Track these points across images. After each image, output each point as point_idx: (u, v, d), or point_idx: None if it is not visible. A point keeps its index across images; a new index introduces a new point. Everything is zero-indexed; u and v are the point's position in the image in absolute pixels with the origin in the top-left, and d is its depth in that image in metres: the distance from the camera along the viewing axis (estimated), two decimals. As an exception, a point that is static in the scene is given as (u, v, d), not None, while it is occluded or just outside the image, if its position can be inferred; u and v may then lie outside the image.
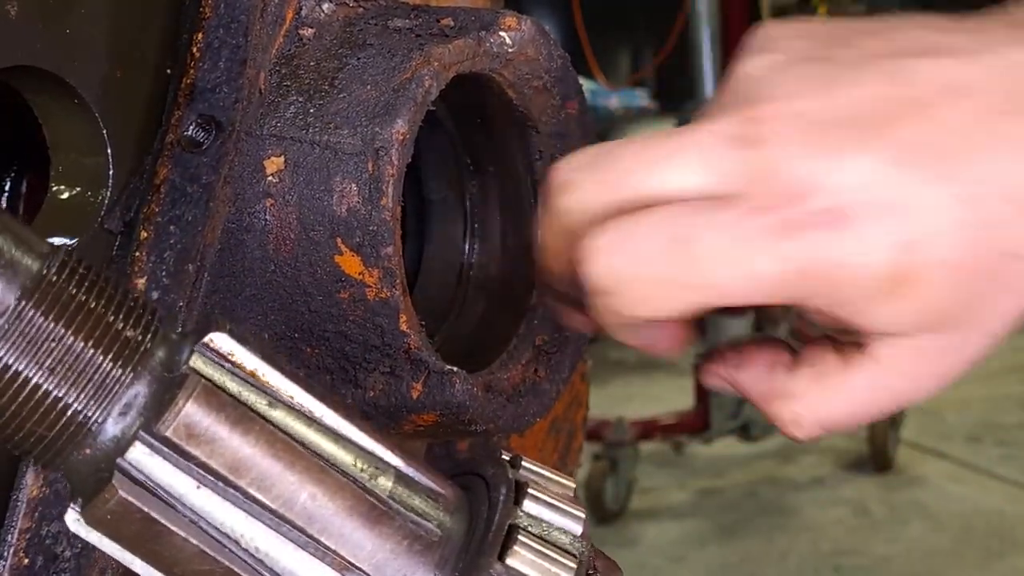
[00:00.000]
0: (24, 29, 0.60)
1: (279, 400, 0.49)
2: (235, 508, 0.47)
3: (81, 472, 0.47)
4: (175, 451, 0.46)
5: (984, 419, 4.83)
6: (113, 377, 0.46)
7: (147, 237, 0.66)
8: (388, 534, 0.49)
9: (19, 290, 0.45)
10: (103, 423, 0.46)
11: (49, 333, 0.45)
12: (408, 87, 0.68)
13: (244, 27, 0.68)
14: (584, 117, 0.80)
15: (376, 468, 0.50)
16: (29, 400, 0.45)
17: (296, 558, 0.47)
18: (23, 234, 0.46)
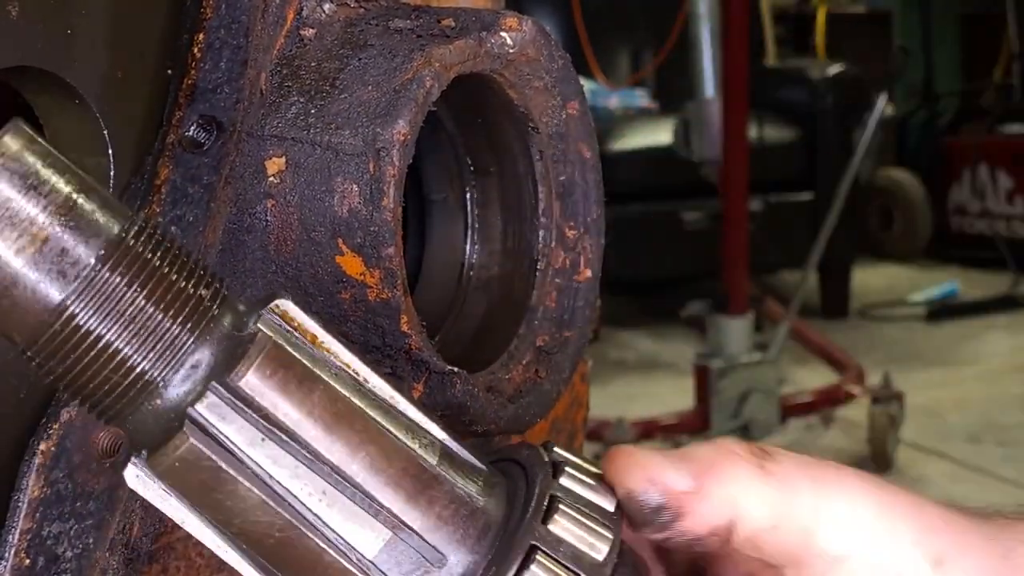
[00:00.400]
0: (25, 29, 0.60)
1: (338, 366, 0.51)
2: (297, 462, 0.49)
3: (148, 424, 0.49)
4: (244, 403, 0.48)
5: (984, 419, 4.83)
6: (183, 335, 0.48)
7: (148, 237, 0.66)
8: (436, 499, 0.51)
9: (99, 251, 0.47)
10: (172, 379, 0.48)
11: (123, 293, 0.47)
12: (409, 88, 0.68)
13: (245, 27, 0.68)
14: (584, 117, 0.80)
15: (424, 439, 0.52)
16: (101, 355, 0.48)
17: (351, 513, 0.50)
18: (107, 198, 0.48)
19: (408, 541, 0.50)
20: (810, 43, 8.27)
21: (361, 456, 0.50)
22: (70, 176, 0.47)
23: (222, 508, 0.49)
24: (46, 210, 0.46)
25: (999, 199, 7.52)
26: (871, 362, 5.00)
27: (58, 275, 0.47)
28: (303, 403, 0.49)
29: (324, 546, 0.50)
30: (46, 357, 0.48)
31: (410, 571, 0.50)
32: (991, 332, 6.14)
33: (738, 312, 4.33)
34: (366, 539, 0.50)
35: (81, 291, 0.47)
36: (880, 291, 6.94)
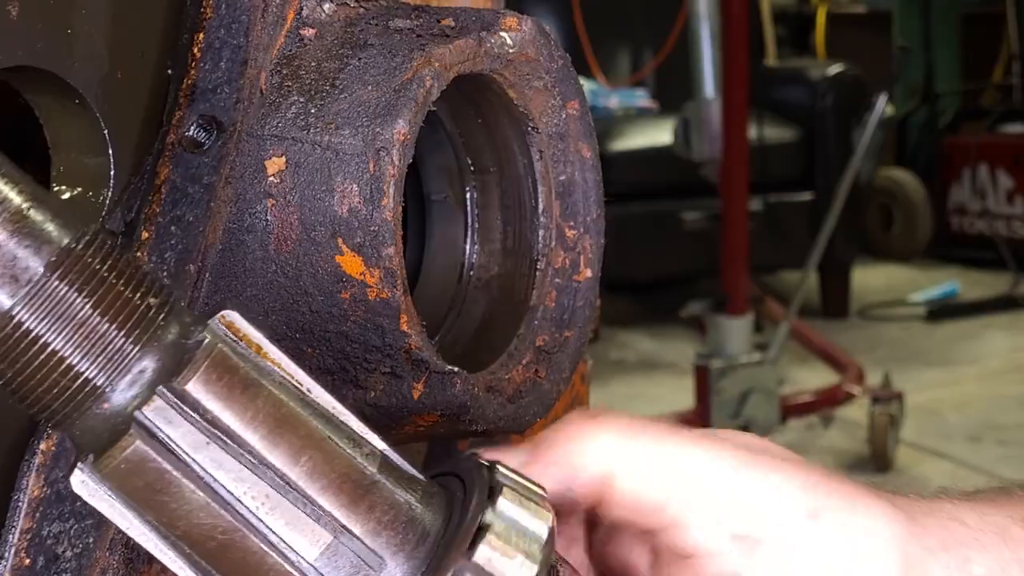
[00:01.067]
0: (25, 29, 0.60)
1: (282, 376, 0.52)
2: (240, 465, 0.50)
3: (95, 429, 0.50)
4: (189, 408, 0.49)
5: (984, 419, 4.83)
6: (129, 343, 0.49)
7: (148, 237, 0.66)
8: (376, 506, 0.52)
9: (49, 259, 0.48)
10: (118, 385, 0.49)
11: (72, 302, 0.48)
12: (409, 87, 0.68)
13: (245, 27, 0.68)
14: (584, 117, 0.80)
15: (365, 448, 0.53)
16: (48, 361, 0.48)
17: (293, 516, 0.51)
18: (59, 209, 0.49)
19: (348, 545, 0.51)
20: (810, 43, 8.27)
21: (303, 461, 0.51)
22: (23, 186, 0.49)
23: (166, 511, 0.50)
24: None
25: (999, 199, 7.52)
26: (871, 362, 5.00)
27: (9, 281, 0.48)
28: (247, 408, 0.50)
29: (266, 548, 0.51)
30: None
31: (350, 575, 0.51)
32: (991, 332, 6.14)
33: (738, 312, 4.33)
34: (307, 542, 0.51)
35: (30, 298, 0.48)
36: (880, 291, 6.95)
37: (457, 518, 0.54)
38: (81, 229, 0.50)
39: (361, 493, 0.52)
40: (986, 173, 7.58)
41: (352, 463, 0.52)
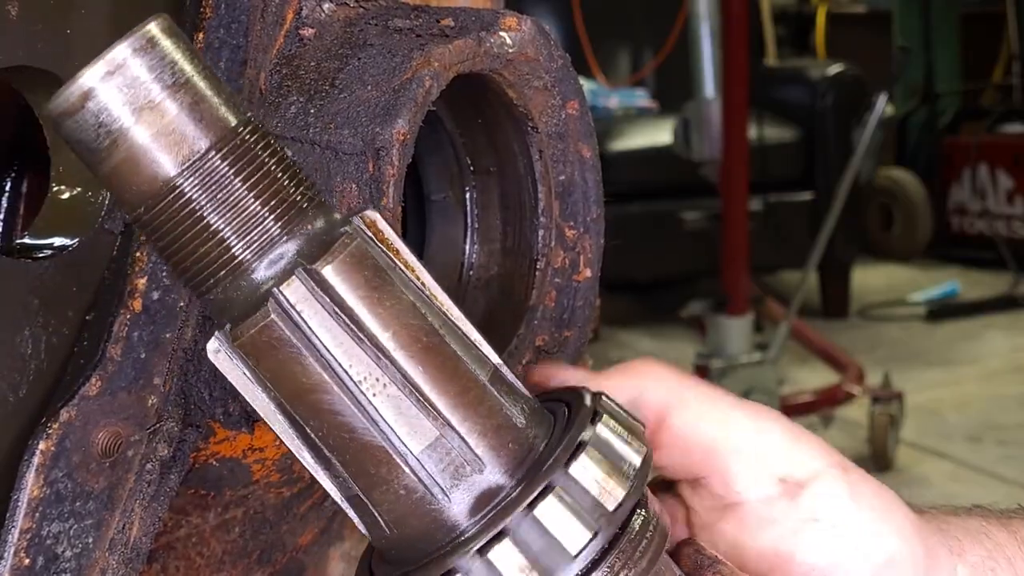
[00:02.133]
0: (25, 29, 0.60)
1: (411, 279, 0.55)
2: (362, 352, 0.53)
3: (235, 301, 0.53)
4: (323, 291, 0.52)
5: (984, 419, 4.83)
6: (276, 226, 0.53)
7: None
8: (485, 412, 0.55)
9: (215, 139, 0.51)
10: (260, 263, 0.53)
11: (229, 180, 0.52)
12: (409, 87, 0.68)
13: (244, 27, 0.68)
14: (584, 117, 0.80)
15: (480, 358, 0.56)
16: (201, 233, 0.52)
17: (404, 407, 0.53)
18: (231, 96, 0.53)
19: (452, 444, 0.54)
20: (810, 43, 8.27)
21: (420, 359, 0.54)
22: (202, 70, 0.52)
23: (288, 385, 0.53)
24: (175, 96, 0.51)
25: (999, 199, 7.52)
26: (871, 362, 5.00)
27: (176, 153, 0.51)
28: (375, 301, 0.53)
29: (375, 433, 0.53)
30: (153, 227, 0.52)
31: (449, 473, 0.54)
32: (991, 332, 6.14)
33: (738, 312, 4.32)
34: (413, 435, 0.53)
35: (193, 171, 0.51)
36: (880, 291, 6.94)
37: (558, 436, 0.56)
38: (247, 116, 0.53)
39: (471, 398, 0.54)
40: (986, 173, 7.57)
41: (466, 369, 0.55)
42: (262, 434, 0.73)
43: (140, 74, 0.50)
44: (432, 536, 0.54)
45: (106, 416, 0.65)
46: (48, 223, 0.66)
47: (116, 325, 0.65)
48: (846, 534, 0.65)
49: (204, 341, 0.68)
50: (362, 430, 0.53)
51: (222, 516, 0.80)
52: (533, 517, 0.53)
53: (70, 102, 0.51)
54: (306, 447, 0.55)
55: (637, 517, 0.56)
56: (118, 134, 0.50)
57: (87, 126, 0.51)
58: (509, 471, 0.54)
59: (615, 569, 0.54)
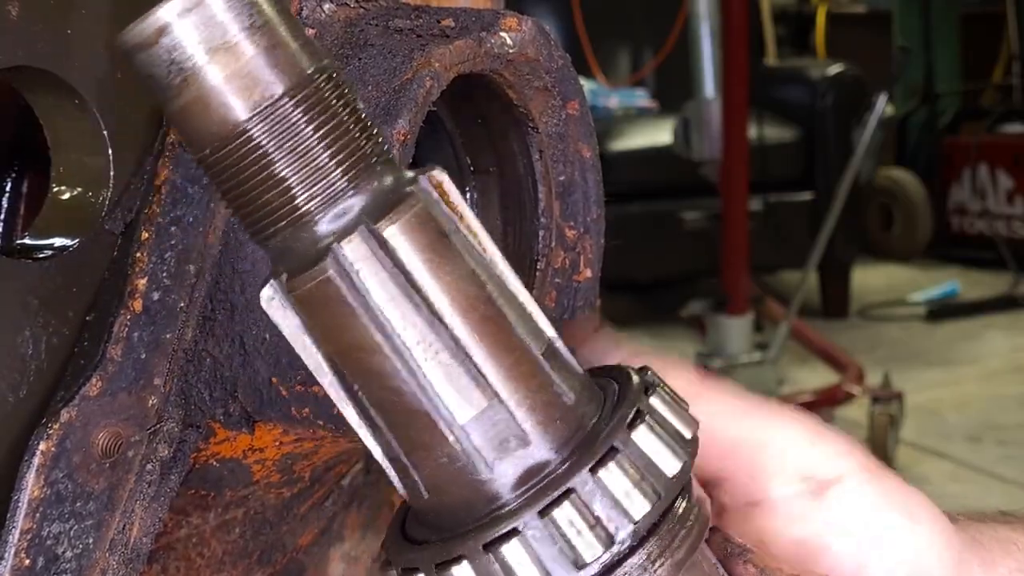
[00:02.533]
0: (25, 29, 0.60)
1: (473, 245, 0.55)
2: (418, 315, 0.52)
3: (294, 251, 0.52)
4: (383, 250, 0.52)
5: (984, 419, 4.83)
6: (343, 180, 0.52)
7: (148, 238, 0.66)
8: (536, 386, 0.54)
9: (288, 85, 0.50)
10: (323, 216, 0.52)
11: (299, 128, 0.51)
12: (409, 88, 0.68)
13: (245, 27, 0.68)
14: (584, 117, 0.80)
15: (535, 332, 0.55)
16: (267, 180, 0.51)
17: (455, 375, 0.52)
18: (308, 41, 0.52)
19: (499, 416, 0.53)
20: (810, 43, 8.27)
21: (475, 328, 0.53)
22: (281, 14, 0.51)
23: (340, 342, 0.53)
24: (252, 37, 0.50)
25: (999, 199, 7.52)
26: (871, 362, 5.01)
27: (248, 97, 0.50)
28: (435, 265, 0.52)
29: (422, 399, 0.52)
30: (218, 169, 0.51)
31: (494, 445, 0.53)
32: (991, 332, 6.14)
33: (738, 312, 4.33)
34: (461, 404, 0.52)
35: (263, 116, 0.50)
36: (880, 291, 6.95)
37: (608, 414, 0.55)
38: (323, 62, 0.52)
39: (523, 371, 0.53)
40: (986, 173, 7.58)
41: (520, 341, 0.54)
42: (262, 435, 0.73)
43: (218, 13, 0.49)
44: (472, 506, 0.53)
45: (106, 417, 0.65)
46: (48, 223, 0.66)
47: (116, 326, 0.65)
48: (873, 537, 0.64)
49: (204, 342, 0.68)
50: (410, 395, 0.52)
51: (222, 516, 0.80)
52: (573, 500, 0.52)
53: (144, 35, 0.50)
54: (351, 404, 0.54)
55: (680, 504, 0.55)
56: (190, 72, 0.49)
57: (159, 61, 0.50)
58: (556, 447, 0.53)
59: (652, 557, 0.53)
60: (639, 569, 0.53)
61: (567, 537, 0.52)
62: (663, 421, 0.55)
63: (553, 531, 0.52)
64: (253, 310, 0.69)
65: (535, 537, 0.52)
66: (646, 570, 0.53)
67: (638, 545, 0.53)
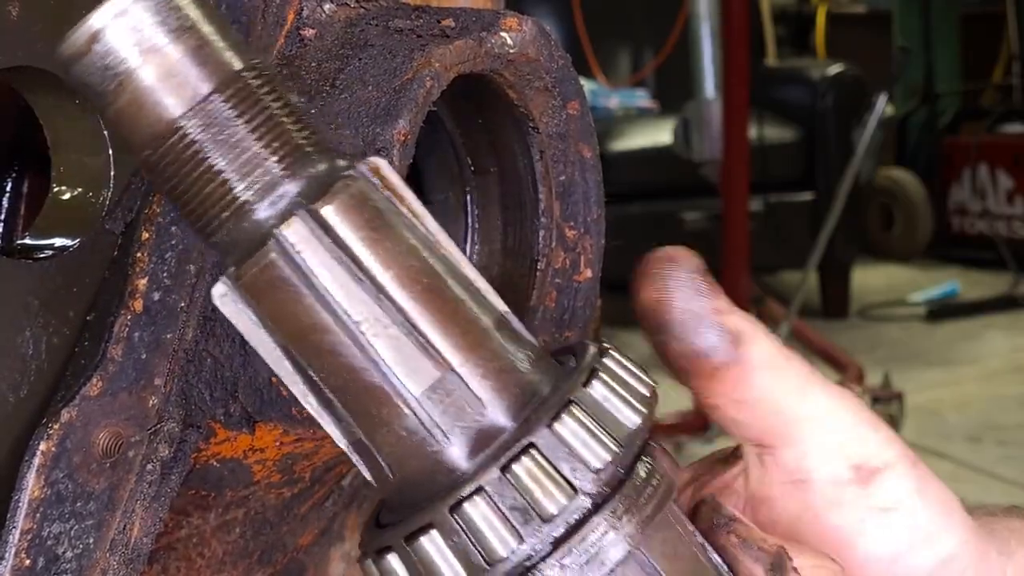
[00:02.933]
0: (25, 29, 0.60)
1: (414, 224, 0.55)
2: (363, 292, 0.53)
3: (239, 243, 0.53)
4: (324, 231, 0.52)
5: (984, 419, 4.83)
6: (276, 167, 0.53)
7: (148, 238, 0.66)
8: (487, 354, 0.54)
9: (218, 82, 0.52)
10: (260, 204, 0.53)
11: (231, 123, 0.52)
12: (409, 88, 0.68)
13: (245, 28, 0.68)
14: (585, 117, 0.80)
15: (484, 305, 0.56)
16: (204, 174, 0.52)
17: (405, 348, 0.53)
18: (238, 42, 0.54)
19: (452, 386, 0.53)
20: (810, 43, 8.27)
21: (421, 299, 0.53)
22: (209, 15, 0.53)
23: (289, 326, 0.53)
24: (180, 39, 0.52)
25: (999, 199, 7.52)
26: (871, 362, 5.01)
27: (180, 95, 0.52)
28: (375, 242, 0.53)
29: (375, 375, 0.53)
30: (159, 169, 0.53)
31: (449, 415, 0.53)
32: (991, 332, 6.14)
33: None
34: (413, 376, 0.53)
35: (195, 113, 0.52)
36: (880, 291, 6.95)
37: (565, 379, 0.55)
38: (252, 60, 0.53)
39: (472, 340, 0.54)
40: (986, 173, 7.58)
41: (468, 312, 0.55)
42: (263, 435, 0.73)
43: (145, 17, 0.51)
44: (434, 478, 0.54)
45: (107, 417, 0.65)
46: (49, 223, 0.66)
47: (117, 326, 0.65)
48: (910, 528, 0.64)
49: (205, 342, 0.68)
50: (362, 371, 0.53)
51: (223, 517, 0.80)
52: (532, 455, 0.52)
53: (78, 45, 0.52)
54: (311, 392, 0.55)
55: (642, 465, 0.55)
56: (124, 76, 0.51)
57: (94, 68, 0.52)
58: (512, 413, 0.54)
59: (618, 513, 0.53)
60: (606, 525, 0.53)
61: (529, 490, 0.52)
62: (618, 378, 0.56)
63: (515, 485, 0.52)
64: (253, 310, 0.69)
65: (498, 493, 0.52)
66: (613, 526, 0.53)
67: (603, 501, 0.53)
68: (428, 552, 0.53)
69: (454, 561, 0.52)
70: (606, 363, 0.56)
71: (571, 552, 0.52)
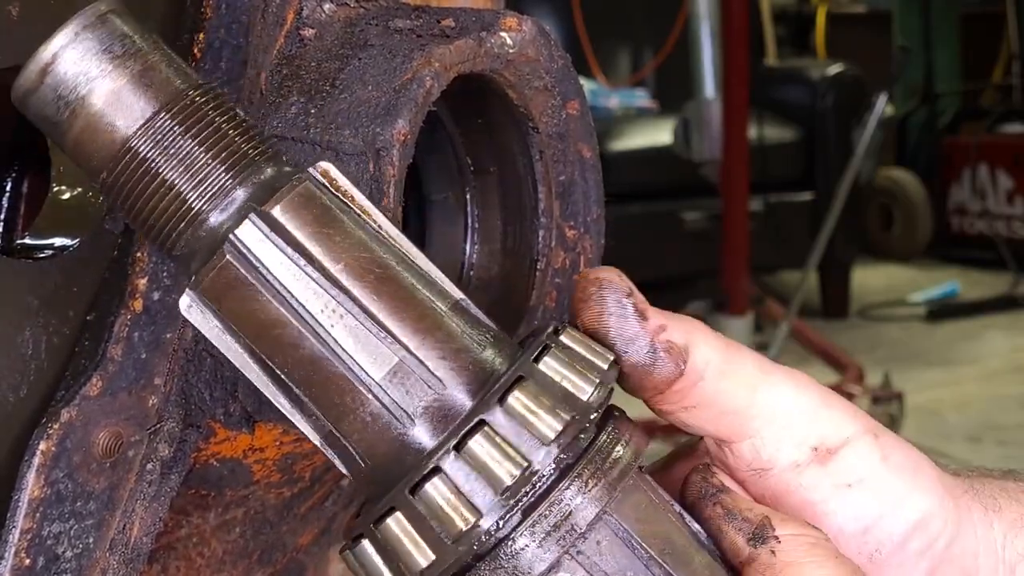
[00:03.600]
0: (25, 29, 0.60)
1: (365, 221, 0.57)
2: (318, 286, 0.55)
3: (196, 252, 0.56)
4: (275, 230, 0.55)
5: (984, 419, 4.83)
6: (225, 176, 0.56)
7: (148, 237, 0.66)
8: (444, 339, 0.56)
9: (164, 101, 0.55)
10: (212, 211, 0.56)
11: (179, 139, 0.55)
12: (409, 88, 0.68)
13: (245, 28, 0.68)
14: (584, 117, 0.80)
15: (438, 291, 0.58)
16: (158, 189, 0.55)
17: (363, 336, 0.55)
18: (180, 67, 0.57)
19: (412, 368, 0.55)
20: (810, 43, 8.27)
21: (374, 288, 0.56)
22: (151, 43, 0.56)
23: (249, 325, 0.55)
24: (125, 64, 0.55)
25: (999, 199, 7.52)
26: (871, 362, 5.00)
27: (128, 117, 0.55)
28: (326, 237, 0.56)
29: (337, 364, 0.55)
30: (116, 189, 0.56)
31: (412, 396, 0.55)
32: (991, 332, 6.14)
33: (738, 312, 4.33)
34: (373, 362, 0.55)
35: (144, 131, 0.55)
36: (880, 291, 6.95)
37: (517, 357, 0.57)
38: (196, 80, 0.56)
39: (428, 324, 0.56)
40: (986, 173, 7.58)
41: (423, 298, 0.56)
42: (263, 434, 0.73)
43: (91, 46, 0.54)
44: (402, 460, 0.55)
45: (107, 416, 0.65)
46: (49, 223, 0.66)
47: (117, 325, 0.65)
48: (877, 498, 0.65)
49: (205, 342, 0.68)
50: (324, 361, 0.55)
51: (223, 516, 0.80)
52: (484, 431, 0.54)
53: (31, 80, 0.54)
54: (281, 392, 0.56)
55: (605, 432, 0.56)
56: (75, 104, 0.54)
57: (48, 100, 0.55)
58: (472, 391, 0.55)
59: (583, 478, 0.55)
60: (573, 491, 0.54)
61: (484, 465, 0.54)
62: (573, 353, 0.57)
63: (470, 462, 0.54)
64: (253, 310, 0.69)
65: (454, 472, 0.54)
66: (580, 491, 0.54)
67: (566, 469, 0.54)
68: (394, 533, 0.54)
69: (419, 540, 0.54)
70: (560, 339, 0.58)
71: (540, 519, 0.54)
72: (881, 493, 0.65)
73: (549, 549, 0.54)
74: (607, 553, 0.55)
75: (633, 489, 0.57)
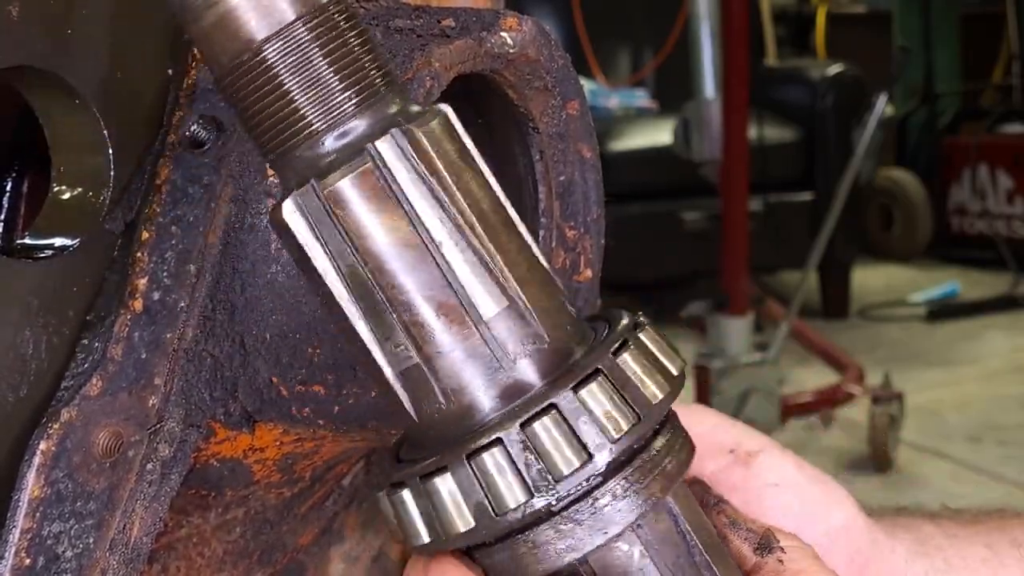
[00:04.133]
0: (25, 29, 0.60)
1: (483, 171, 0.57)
2: (447, 216, 0.55)
3: (320, 160, 0.55)
4: (418, 153, 0.55)
5: (984, 419, 4.83)
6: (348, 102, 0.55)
7: (148, 237, 0.66)
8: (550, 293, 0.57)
9: (304, 11, 0.54)
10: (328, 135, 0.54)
11: (312, 53, 0.54)
12: (409, 87, 0.68)
13: (245, 27, 0.68)
14: (584, 117, 0.80)
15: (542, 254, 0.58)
16: (280, 98, 0.54)
17: (481, 273, 0.55)
18: None
19: (520, 313, 0.55)
20: (810, 43, 8.27)
21: (499, 231, 0.56)
22: None
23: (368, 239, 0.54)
24: None
25: (999, 199, 7.52)
26: (871, 362, 5.00)
27: (266, 20, 0.54)
28: (461, 170, 0.56)
29: (451, 293, 0.54)
30: (234, 88, 0.55)
31: (514, 341, 0.55)
32: (991, 332, 6.14)
33: (738, 312, 4.33)
34: (487, 299, 0.55)
35: (279, 39, 0.54)
36: (880, 291, 6.95)
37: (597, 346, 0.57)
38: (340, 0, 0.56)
39: (539, 277, 0.56)
40: (986, 173, 7.58)
41: (535, 252, 0.57)
42: (263, 434, 0.73)
43: None
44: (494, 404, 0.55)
45: (107, 416, 0.65)
46: (49, 223, 0.66)
47: (117, 325, 0.65)
48: (800, 498, 0.70)
49: (205, 342, 0.68)
50: (440, 289, 0.54)
51: (223, 516, 0.80)
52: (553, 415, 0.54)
53: None
54: (363, 316, 0.55)
55: (660, 439, 0.57)
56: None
57: None
58: (567, 350, 0.56)
59: (630, 481, 0.55)
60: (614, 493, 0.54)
61: (546, 449, 0.53)
62: (649, 353, 0.57)
63: (533, 443, 0.53)
64: (253, 310, 0.69)
65: (515, 448, 0.53)
66: (621, 495, 0.54)
67: (617, 470, 0.54)
68: (440, 493, 0.54)
69: (463, 505, 0.54)
70: (639, 336, 0.58)
71: (579, 512, 0.54)
72: (803, 495, 0.70)
73: None
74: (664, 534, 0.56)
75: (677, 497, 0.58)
